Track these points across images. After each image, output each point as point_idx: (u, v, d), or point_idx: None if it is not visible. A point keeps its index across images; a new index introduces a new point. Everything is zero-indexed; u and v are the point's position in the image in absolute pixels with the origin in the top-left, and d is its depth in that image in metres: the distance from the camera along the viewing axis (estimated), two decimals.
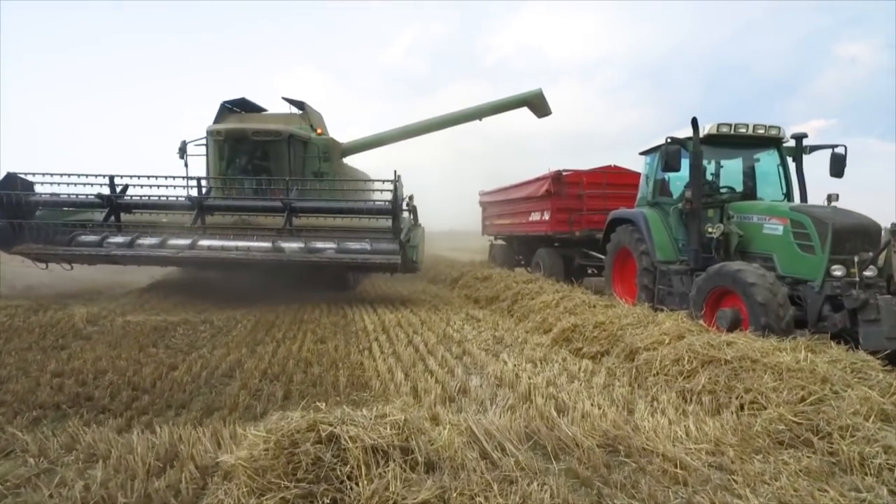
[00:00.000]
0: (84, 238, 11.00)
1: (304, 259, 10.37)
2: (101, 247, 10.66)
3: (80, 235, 11.06)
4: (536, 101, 16.15)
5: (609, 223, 9.43)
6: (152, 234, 10.85)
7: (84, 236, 11.04)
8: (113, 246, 10.68)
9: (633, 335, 6.09)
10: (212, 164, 13.34)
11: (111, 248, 10.65)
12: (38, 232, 10.85)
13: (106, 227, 10.99)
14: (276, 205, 10.99)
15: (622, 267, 9.18)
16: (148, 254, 10.56)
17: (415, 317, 9.49)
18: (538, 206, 12.76)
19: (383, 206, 10.58)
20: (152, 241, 10.74)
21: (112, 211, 11.10)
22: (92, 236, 10.92)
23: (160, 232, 10.96)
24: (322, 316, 9.57)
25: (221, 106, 14.41)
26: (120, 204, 11.14)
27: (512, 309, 9.57)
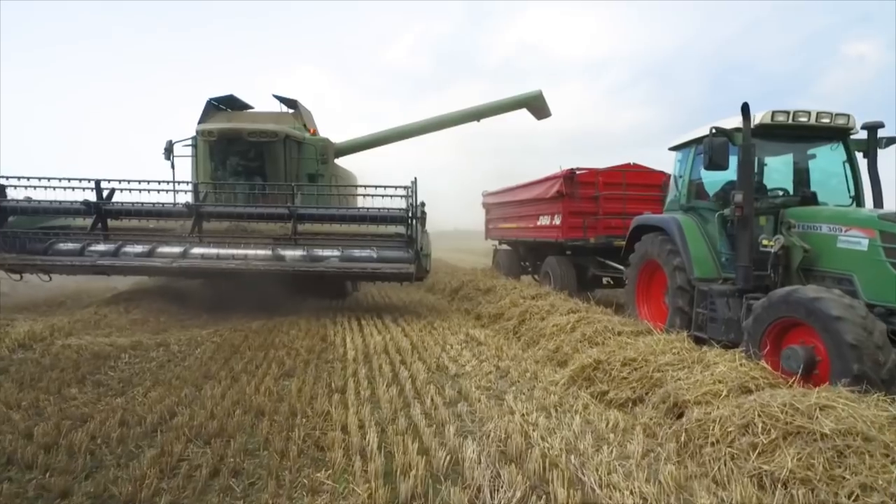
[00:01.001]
0: (63, 246, 10.01)
1: (308, 269, 9.54)
2: (83, 255, 9.72)
3: (58, 243, 10.05)
4: (536, 104, 15.23)
5: (633, 231, 8.08)
6: (140, 242, 9.92)
7: (63, 244, 10.06)
8: (96, 255, 9.75)
9: (675, 380, 4.75)
10: (201, 166, 12.20)
11: (94, 256, 9.73)
12: (12, 240, 9.83)
13: (89, 235, 10.02)
14: (282, 212, 10.11)
15: (648, 283, 7.83)
16: (135, 263, 9.67)
17: (405, 339, 8.17)
18: (548, 209, 11.42)
19: (398, 214, 9.84)
20: (140, 249, 9.82)
21: (99, 218, 10.15)
22: (72, 244, 9.96)
23: (148, 239, 10.00)
24: (298, 337, 8.26)
25: (208, 103, 13.27)
26: (108, 210, 10.19)
27: (518, 330, 8.23)
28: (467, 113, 15.35)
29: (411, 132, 15.35)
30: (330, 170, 13.40)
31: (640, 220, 7.91)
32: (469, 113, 15.33)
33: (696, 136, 6.89)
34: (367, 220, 10.10)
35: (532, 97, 15.27)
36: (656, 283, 7.68)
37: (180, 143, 12.30)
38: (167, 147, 12.33)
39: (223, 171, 12.09)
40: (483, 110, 15.36)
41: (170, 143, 12.36)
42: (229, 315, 10.23)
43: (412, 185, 9.87)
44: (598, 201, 10.66)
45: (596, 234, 10.55)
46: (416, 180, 9.62)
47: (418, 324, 9.60)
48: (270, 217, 10.28)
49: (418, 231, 9.93)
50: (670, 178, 10.81)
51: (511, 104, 15.39)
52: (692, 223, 6.86)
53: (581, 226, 10.58)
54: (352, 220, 10.10)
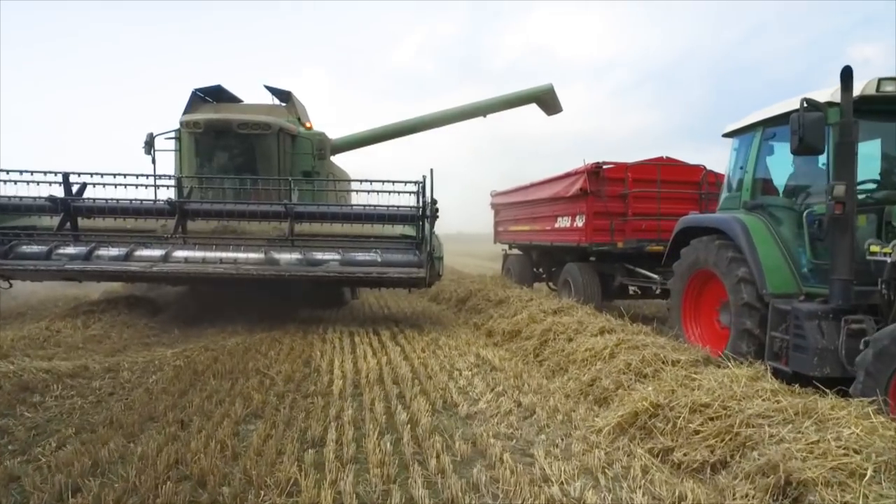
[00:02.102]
0: (27, 249, 8.81)
1: (305, 274, 8.46)
2: (50, 259, 8.54)
3: (21, 246, 8.83)
4: (546, 98, 14.03)
5: (678, 233, 6.74)
6: (116, 244, 8.80)
7: (28, 247, 8.85)
8: (65, 258, 8.57)
9: (775, 440, 3.40)
10: (185, 160, 10.98)
11: (63, 260, 8.54)
12: None
13: (54, 236, 8.83)
14: (278, 210, 8.96)
15: (698, 296, 6.49)
16: (109, 268, 8.54)
17: (405, 363, 6.84)
18: (568, 210, 10.09)
19: (409, 213, 8.79)
20: (116, 252, 8.69)
21: (67, 216, 8.96)
22: (38, 247, 8.76)
23: (126, 241, 8.87)
24: (277, 360, 6.96)
25: (193, 94, 12.05)
26: (77, 208, 9.02)
27: (540, 353, 6.90)
28: (473, 108, 14.12)
29: (414, 127, 14.11)
30: (326, 167, 12.16)
31: (689, 221, 6.58)
32: (475, 108, 14.10)
33: (765, 117, 5.56)
34: (374, 219, 8.88)
35: (542, 91, 14.06)
36: (708, 296, 6.34)
37: (162, 136, 11.04)
38: (147, 140, 11.09)
39: (210, 166, 10.87)
40: (490, 105, 14.14)
41: (150, 136, 11.11)
42: (205, 329, 8.98)
43: (424, 179, 8.61)
44: (626, 200, 9.33)
45: (624, 238, 9.22)
46: (431, 173, 8.37)
47: (421, 341, 8.29)
48: (264, 216, 9.05)
49: (430, 232, 8.70)
50: (705, 172, 9.61)
51: (520, 98, 14.17)
52: (760, 224, 5.52)
53: (608, 228, 9.25)
54: (356, 218, 8.88)
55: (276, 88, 12.57)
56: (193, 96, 12.03)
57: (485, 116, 13.91)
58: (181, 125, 10.47)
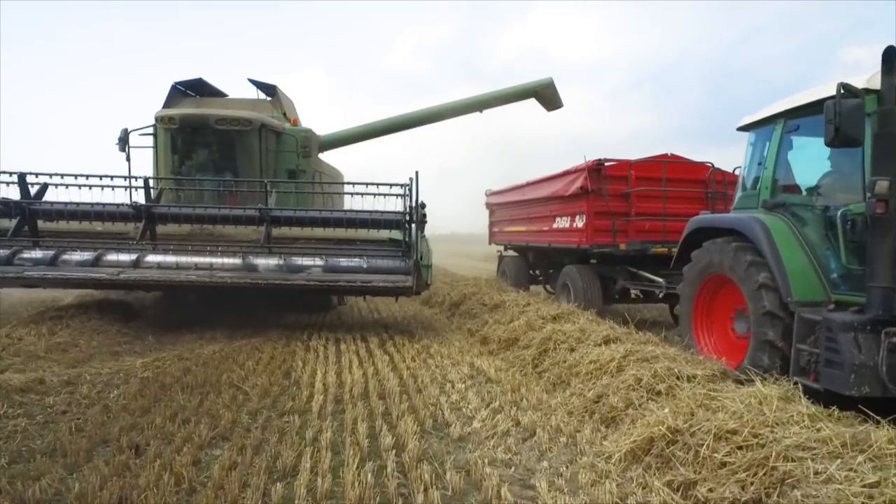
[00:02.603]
0: None
1: (284, 282, 7.93)
2: (10, 265, 7.97)
3: None
4: (546, 92, 13.53)
5: (689, 235, 6.24)
6: (85, 249, 8.22)
7: None
8: (28, 264, 7.99)
9: (822, 479, 2.89)
10: (161, 158, 10.41)
11: (25, 266, 7.97)
12: None
13: (10, 240, 8.23)
14: (251, 215, 8.42)
15: (710, 303, 5.99)
16: (74, 275, 7.96)
17: (393, 375, 6.32)
18: (568, 209, 9.58)
19: (394, 217, 8.29)
20: (83, 257, 8.12)
21: (24, 220, 8.39)
22: None
23: (95, 245, 8.30)
24: (255, 371, 6.43)
25: (172, 88, 11.51)
26: (34, 211, 8.44)
27: (539, 363, 6.39)
28: (469, 103, 13.58)
29: (407, 123, 13.56)
30: (313, 165, 11.60)
31: (702, 222, 6.07)
32: (471, 103, 13.57)
33: (787, 107, 5.06)
34: (357, 223, 8.32)
35: (542, 85, 13.53)
36: (722, 303, 5.85)
37: (137, 132, 10.45)
38: (121, 136, 10.49)
39: (188, 165, 10.31)
40: (487, 99, 13.60)
41: (125, 131, 10.52)
42: (182, 336, 8.43)
43: (411, 181, 8.11)
44: (629, 199, 8.83)
45: (627, 240, 8.72)
46: (417, 175, 7.84)
47: (411, 349, 7.77)
48: (238, 220, 8.45)
49: (417, 237, 8.17)
50: (712, 170, 9.11)
51: (519, 93, 13.64)
52: (783, 225, 5.02)
53: (609, 229, 8.75)
54: (337, 223, 8.30)
55: (260, 82, 12.03)
56: (173, 90, 11.48)
57: (481, 112, 13.39)
58: (156, 120, 9.89)
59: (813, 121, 4.76)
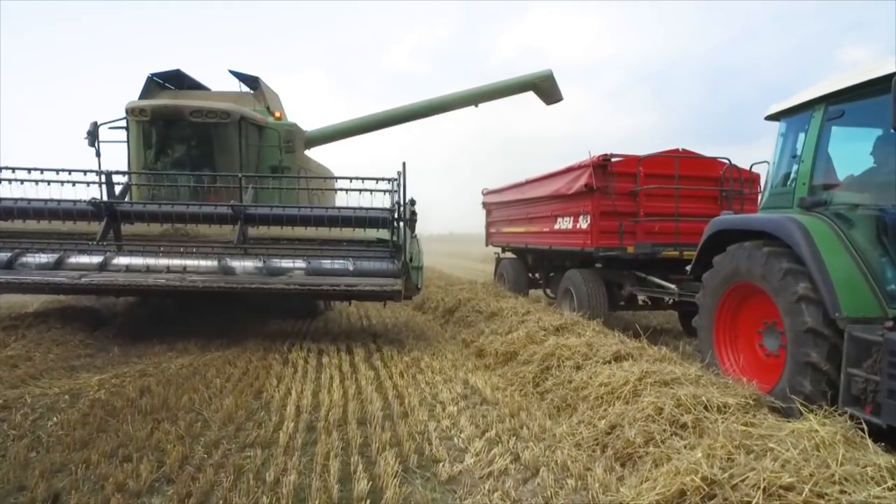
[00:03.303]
0: None
1: (262, 286, 7.23)
2: None
3: None
4: (545, 85, 12.87)
5: (709, 238, 5.54)
6: (46, 250, 7.54)
7: None
8: None
9: None
10: (133, 153, 9.67)
11: None
12: None
13: None
14: (223, 213, 7.69)
15: (734, 315, 5.30)
16: (32, 279, 7.22)
17: (378, 395, 5.62)
18: (570, 209, 8.89)
19: (380, 215, 7.60)
20: (44, 259, 7.45)
21: None
22: None
23: (61, 246, 7.60)
24: (223, 390, 5.74)
25: (148, 80, 10.80)
26: None
27: (541, 382, 5.69)
28: (464, 96, 12.88)
29: (399, 118, 12.86)
30: (298, 161, 10.90)
31: (725, 223, 5.37)
32: (467, 96, 12.87)
33: (831, 90, 4.37)
34: (340, 222, 7.62)
35: (541, 77, 12.84)
36: (749, 315, 5.15)
37: (107, 126, 9.74)
38: (90, 130, 9.77)
39: (163, 160, 9.61)
40: (483, 92, 12.90)
41: (94, 125, 9.79)
42: (152, 347, 7.71)
43: (399, 176, 7.41)
44: (637, 198, 8.14)
45: (635, 242, 8.03)
46: (404, 167, 7.14)
47: (400, 362, 7.08)
48: (208, 219, 7.75)
49: (406, 236, 7.48)
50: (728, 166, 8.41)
51: (516, 86, 12.95)
52: (825, 227, 4.33)
53: (616, 230, 8.06)
54: (318, 222, 7.59)
55: (242, 74, 11.33)
56: (149, 82, 10.77)
57: (477, 106, 12.71)
58: (126, 113, 9.18)
59: (863, 105, 4.09)
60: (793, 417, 4.14)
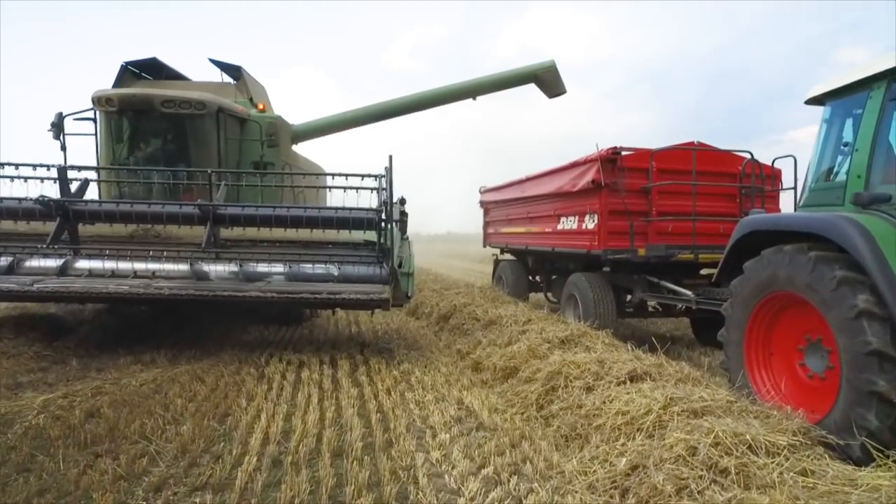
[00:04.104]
0: None
1: (235, 293, 6.51)
2: None
3: None
4: (548, 77, 12.19)
5: (739, 240, 4.83)
6: None
7: None
8: None
9: None
10: (103, 147, 8.95)
11: None
12: None
13: None
14: (189, 212, 6.99)
15: (769, 330, 4.60)
16: None
17: (359, 419, 4.92)
18: (576, 208, 8.19)
19: (365, 215, 6.88)
20: None
21: None
22: None
23: (13, 248, 6.94)
24: (183, 413, 5.06)
25: (122, 69, 10.08)
26: None
27: (546, 404, 4.98)
28: (462, 88, 12.15)
29: (393, 110, 12.15)
30: (283, 157, 10.18)
31: (758, 223, 4.66)
32: (464, 88, 12.14)
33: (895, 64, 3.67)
34: (319, 223, 6.92)
35: (543, 68, 12.13)
36: (787, 329, 4.45)
37: (73, 117, 9.00)
38: (55, 122, 9.03)
39: (136, 154, 8.89)
40: (481, 84, 12.19)
41: (59, 116, 9.06)
42: (117, 359, 7.02)
43: (386, 172, 6.70)
44: (650, 196, 7.44)
45: (646, 244, 7.33)
46: (391, 161, 6.43)
47: (388, 377, 6.39)
48: (173, 219, 7.03)
49: (394, 239, 6.78)
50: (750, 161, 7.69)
51: (517, 77, 12.24)
52: (890, 228, 3.63)
53: (626, 231, 7.35)
54: (294, 223, 6.88)
55: (223, 63, 10.62)
56: (123, 71, 10.05)
57: (475, 99, 12.01)
58: (92, 102, 8.45)
59: None
60: (853, 457, 3.45)
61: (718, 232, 7.65)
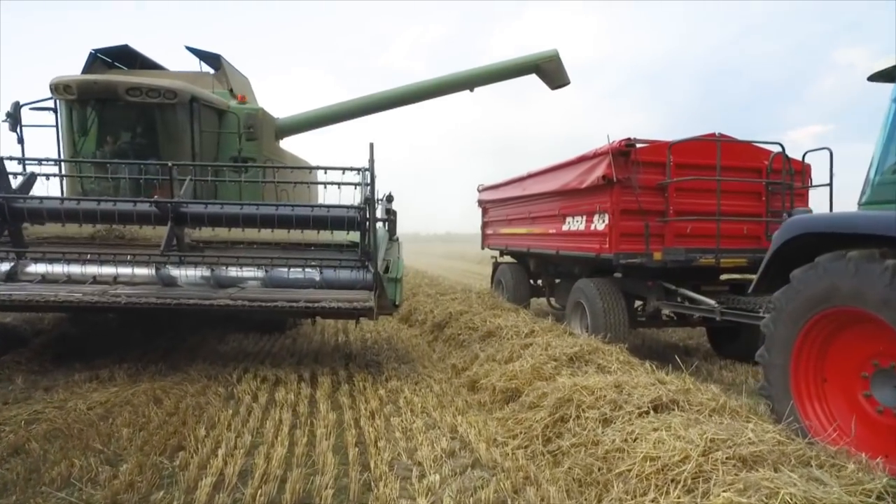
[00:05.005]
0: None
1: (202, 302, 5.77)
2: None
3: None
4: (550, 67, 11.49)
5: (784, 243, 4.07)
6: None
7: None
8: None
9: None
10: (65, 140, 8.20)
11: None
12: None
13: None
14: (146, 210, 6.26)
15: (823, 352, 3.84)
16: None
17: (333, 458, 4.15)
18: (583, 207, 7.43)
19: (346, 215, 6.16)
20: None
21: None
22: None
23: None
24: (129, 447, 4.31)
25: (91, 56, 9.33)
26: None
27: (554, 438, 4.22)
28: (459, 78, 11.42)
29: (386, 102, 11.41)
30: (265, 152, 9.42)
31: (811, 223, 3.90)
32: (461, 78, 11.41)
33: None
34: (293, 223, 6.16)
35: (545, 58, 11.41)
36: (845, 352, 3.70)
37: (30, 107, 8.23)
38: (11, 112, 8.26)
39: (103, 147, 8.15)
40: (479, 75, 11.46)
41: (16, 105, 8.28)
42: (70, 375, 6.28)
43: (369, 165, 5.94)
44: (666, 193, 6.68)
45: (663, 247, 6.57)
46: (372, 150, 5.66)
47: (374, 396, 5.65)
48: (126, 218, 6.26)
49: (378, 240, 6.02)
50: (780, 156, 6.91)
51: (518, 67, 11.52)
52: None
53: (640, 233, 6.60)
54: (265, 222, 6.11)
55: (201, 51, 9.87)
56: (93, 59, 9.30)
57: (472, 90, 11.26)
58: (51, 90, 7.69)
59: None
60: None
61: (742, 233, 6.93)
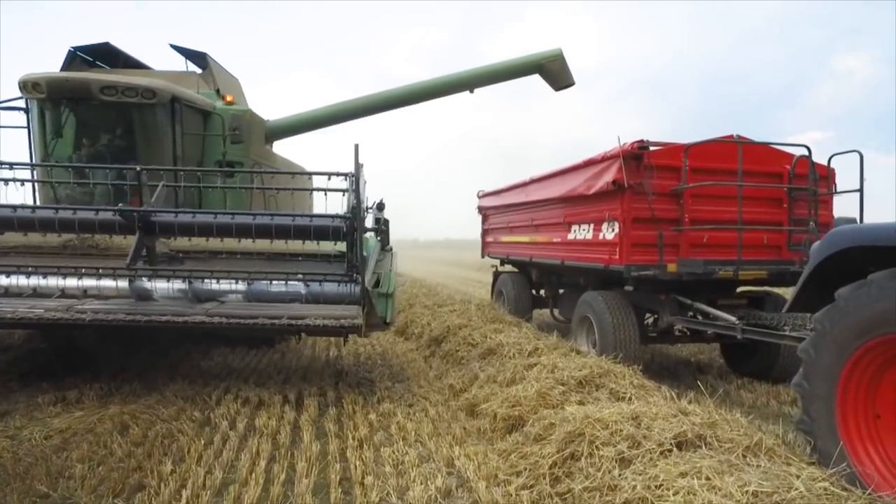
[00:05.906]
0: None
1: (175, 319, 5.31)
2: None
3: None
4: (554, 67, 11.03)
5: (828, 258, 3.57)
6: None
7: None
8: None
9: None
10: (36, 142, 7.73)
11: None
12: None
13: None
14: (109, 219, 5.72)
15: (874, 384, 3.33)
16: None
17: (315, 496, 3.64)
18: (591, 214, 6.93)
19: (331, 224, 5.72)
20: None
21: None
22: None
23: None
24: (81, 488, 3.79)
25: (70, 54, 8.89)
26: None
27: (563, 477, 3.70)
28: (458, 79, 10.95)
29: (382, 104, 10.93)
30: (253, 156, 8.93)
31: (861, 235, 3.38)
32: (461, 79, 10.94)
33: None
34: (272, 232, 5.67)
35: (549, 58, 10.94)
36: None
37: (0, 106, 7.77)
38: None
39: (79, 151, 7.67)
40: (482, 75, 11.00)
41: None
42: (33, 396, 5.80)
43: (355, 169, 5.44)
44: (681, 199, 6.19)
45: (678, 258, 6.08)
46: (357, 151, 5.16)
47: (363, 422, 5.15)
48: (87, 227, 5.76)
49: (362, 250, 5.52)
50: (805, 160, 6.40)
51: (520, 67, 11.06)
52: None
53: (654, 243, 6.10)
54: (241, 232, 5.61)
55: (186, 49, 9.41)
56: (72, 57, 8.84)
57: (472, 91, 10.79)
58: (20, 88, 7.22)
59: None
60: None
61: (761, 243, 6.44)
